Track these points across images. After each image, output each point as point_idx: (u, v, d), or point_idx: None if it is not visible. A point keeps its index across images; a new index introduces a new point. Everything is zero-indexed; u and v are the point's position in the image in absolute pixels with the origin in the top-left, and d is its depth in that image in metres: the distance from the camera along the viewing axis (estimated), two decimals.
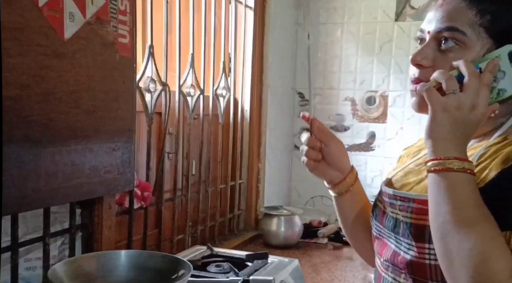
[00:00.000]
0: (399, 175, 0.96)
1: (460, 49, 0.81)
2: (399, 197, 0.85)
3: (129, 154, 1.36)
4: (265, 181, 2.30)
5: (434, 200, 0.75)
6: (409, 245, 0.82)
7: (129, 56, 1.36)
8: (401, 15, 2.40)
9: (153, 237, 1.65)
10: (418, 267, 0.81)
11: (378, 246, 0.94)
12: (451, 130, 0.75)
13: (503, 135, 0.82)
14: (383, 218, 0.91)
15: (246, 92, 2.18)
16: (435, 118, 0.76)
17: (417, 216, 0.81)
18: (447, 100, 0.75)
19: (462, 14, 0.81)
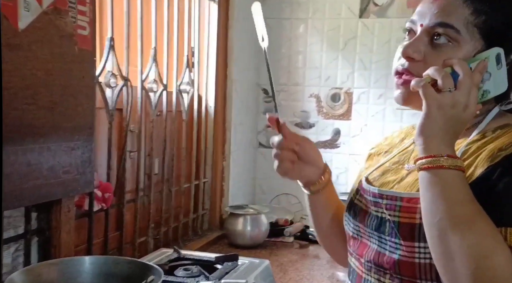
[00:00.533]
0: (375, 174, 0.95)
1: (453, 46, 0.80)
2: (385, 195, 0.84)
3: (89, 153, 1.28)
4: (229, 180, 2.24)
5: (429, 198, 0.73)
6: (396, 244, 0.81)
7: (88, 49, 1.28)
8: (365, 11, 2.39)
9: (114, 240, 1.56)
10: (406, 267, 0.79)
11: (355, 247, 0.92)
12: (444, 127, 0.74)
13: (481, 133, 0.82)
14: (365, 217, 0.89)
15: (211, 88, 2.12)
16: (429, 115, 0.74)
17: (405, 215, 0.79)
18: (443, 98, 0.74)
19: (458, 12, 0.80)
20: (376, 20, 2.37)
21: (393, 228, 0.81)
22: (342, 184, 2.44)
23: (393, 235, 0.81)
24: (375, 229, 0.86)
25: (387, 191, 0.84)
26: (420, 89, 0.75)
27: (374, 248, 0.86)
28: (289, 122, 2.49)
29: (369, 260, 0.87)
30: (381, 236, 0.84)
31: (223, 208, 2.20)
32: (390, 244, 0.82)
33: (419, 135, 0.76)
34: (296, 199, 2.43)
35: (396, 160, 0.95)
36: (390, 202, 0.82)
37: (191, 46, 1.98)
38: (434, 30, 0.81)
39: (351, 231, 0.94)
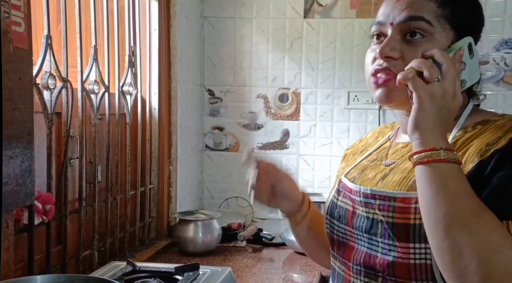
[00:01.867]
0: (354, 172, 0.94)
1: (427, 40, 0.80)
2: (377, 196, 0.81)
3: (29, 162, 1.16)
4: (177, 185, 2.15)
5: (431, 193, 0.71)
6: (390, 246, 0.79)
7: (25, 48, 1.16)
8: (309, 12, 2.38)
9: (56, 256, 1.44)
10: (401, 268, 0.78)
11: (340, 251, 0.90)
12: (438, 119, 0.73)
13: (462, 129, 0.83)
14: (353, 219, 0.86)
15: (154, 89, 2.02)
16: (422, 108, 0.73)
17: (399, 215, 0.78)
18: (433, 89, 0.73)
19: (426, 5, 0.81)
20: (320, 20, 2.37)
21: (386, 229, 0.79)
22: None
23: (386, 236, 0.79)
24: (366, 231, 0.83)
25: (379, 191, 0.82)
26: (409, 81, 0.73)
27: (363, 251, 0.84)
28: (236, 123, 2.44)
29: (358, 263, 0.84)
30: (371, 238, 0.82)
31: (171, 214, 2.10)
32: (382, 245, 0.80)
33: (414, 129, 0.74)
34: (246, 202, 2.37)
35: (373, 157, 0.95)
36: (383, 202, 0.80)
37: (131, 45, 1.87)
38: (406, 26, 0.81)
39: (335, 234, 0.91)
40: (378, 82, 0.83)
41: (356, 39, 2.33)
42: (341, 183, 0.94)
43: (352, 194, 0.88)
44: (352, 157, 1.03)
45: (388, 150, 0.93)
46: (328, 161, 2.39)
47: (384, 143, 0.98)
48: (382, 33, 0.84)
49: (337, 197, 0.93)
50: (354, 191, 0.87)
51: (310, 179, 2.41)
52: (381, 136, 1.02)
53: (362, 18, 2.30)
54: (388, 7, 0.84)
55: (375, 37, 0.86)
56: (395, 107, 0.86)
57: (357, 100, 2.33)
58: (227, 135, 2.45)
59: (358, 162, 0.96)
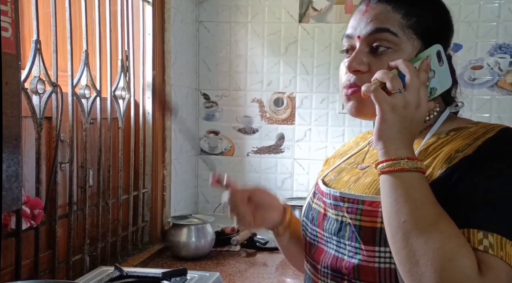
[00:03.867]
0: (331, 175, 0.94)
1: (394, 51, 0.81)
2: (346, 198, 0.82)
3: (16, 167, 1.15)
4: (171, 189, 2.15)
5: (391, 201, 0.72)
6: (356, 249, 0.80)
7: (12, 53, 1.16)
8: (304, 16, 2.38)
9: (45, 261, 1.43)
10: (366, 272, 0.78)
11: (311, 253, 0.91)
12: (400, 129, 0.74)
13: (435, 135, 0.83)
14: (324, 222, 0.87)
15: (148, 93, 2.02)
16: (384, 119, 0.74)
17: (367, 218, 0.78)
18: (394, 100, 0.74)
19: (390, 17, 0.82)
20: (315, 25, 2.37)
21: (354, 232, 0.80)
22: (287, 189, 2.41)
23: (354, 239, 0.80)
24: (334, 233, 0.84)
25: (348, 194, 0.83)
26: (372, 93, 0.74)
27: (331, 253, 0.84)
28: (232, 127, 2.44)
29: (325, 265, 0.85)
30: (340, 241, 0.83)
31: (164, 219, 2.10)
32: (349, 248, 0.81)
33: (378, 139, 0.75)
34: None
35: (351, 161, 0.96)
36: (352, 205, 0.81)
37: (125, 49, 1.87)
38: (373, 38, 0.82)
39: (308, 236, 0.92)
40: (347, 94, 0.84)
41: None
42: (317, 185, 0.95)
43: (324, 196, 0.88)
44: (332, 161, 1.04)
45: (365, 154, 0.94)
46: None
47: (363, 147, 0.98)
48: (351, 47, 0.86)
49: (312, 199, 0.94)
50: (325, 193, 0.88)
51: (305, 183, 2.40)
52: (362, 141, 1.03)
53: None
54: (355, 20, 0.85)
55: (346, 52, 0.87)
56: (367, 119, 0.87)
57: None
58: (222, 139, 2.44)
59: (337, 165, 0.96)
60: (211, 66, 2.43)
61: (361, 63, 0.82)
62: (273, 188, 2.41)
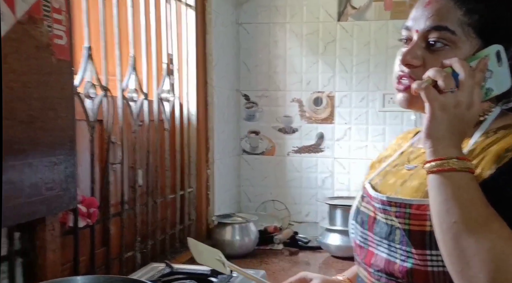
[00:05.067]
0: (377, 179, 0.94)
1: (450, 49, 0.80)
2: (394, 203, 0.81)
3: (72, 168, 1.22)
4: (214, 188, 2.20)
5: (441, 202, 0.72)
6: (408, 253, 0.79)
7: (66, 59, 1.22)
8: (343, 15, 2.39)
9: (100, 257, 1.50)
10: (420, 276, 0.77)
11: (362, 255, 0.90)
12: (450, 128, 0.74)
13: (483, 134, 0.82)
14: (374, 225, 0.87)
15: (191, 95, 2.07)
16: (434, 117, 0.74)
17: (416, 222, 0.77)
18: (446, 99, 0.74)
19: (451, 14, 0.80)
20: (354, 23, 2.37)
21: (404, 236, 0.79)
22: (328, 188, 2.42)
23: (404, 243, 0.79)
24: (385, 237, 0.83)
25: (395, 198, 0.82)
26: (422, 91, 0.74)
27: (383, 257, 0.84)
28: (272, 127, 2.47)
29: (378, 269, 0.84)
30: (390, 244, 0.82)
31: (209, 217, 2.15)
32: (401, 252, 0.80)
33: (426, 138, 0.75)
34: (283, 205, 2.40)
35: (396, 163, 0.95)
36: (399, 209, 0.80)
37: (169, 53, 1.93)
38: (429, 34, 0.81)
39: (359, 239, 0.92)
40: (399, 88, 0.84)
41: (391, 40, 2.31)
42: (365, 189, 0.95)
43: (373, 200, 0.88)
44: (378, 165, 1.03)
45: (410, 154, 0.93)
46: (363, 164, 2.38)
47: (407, 148, 0.98)
48: (409, 38, 0.85)
49: (361, 203, 0.94)
50: (373, 197, 0.88)
51: (345, 183, 2.41)
52: (403, 141, 1.03)
53: (397, 19, 2.29)
54: (417, 12, 0.84)
55: (404, 42, 0.87)
56: (417, 111, 0.87)
57: (393, 103, 2.32)
58: (263, 139, 2.48)
59: (382, 168, 0.96)
60: (251, 67, 2.47)
61: (415, 57, 0.81)
62: (314, 187, 2.43)
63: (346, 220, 1.99)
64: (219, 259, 1.04)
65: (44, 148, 1.12)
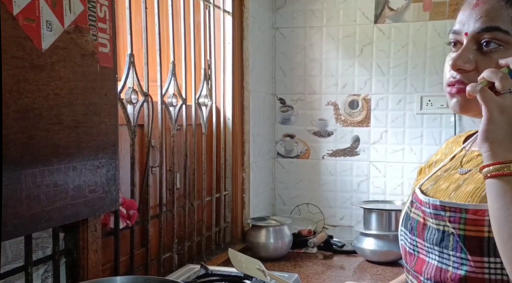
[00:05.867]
0: (428, 184, 0.92)
1: (504, 49, 0.77)
2: (448, 207, 0.79)
3: (114, 171, 1.27)
4: (250, 191, 2.22)
5: (500, 206, 0.69)
6: (462, 260, 0.77)
7: (110, 67, 1.27)
8: (380, 17, 2.37)
9: (139, 258, 1.55)
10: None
11: (412, 263, 0.88)
12: (509, 131, 0.70)
13: None
14: (424, 231, 0.85)
15: (228, 99, 2.11)
16: (492, 120, 0.70)
17: (472, 228, 0.75)
18: (504, 100, 0.70)
19: (502, 13, 0.77)
20: (392, 25, 2.35)
21: (458, 242, 0.77)
22: (363, 192, 2.41)
23: (458, 250, 0.77)
24: (436, 244, 0.81)
25: (450, 202, 0.80)
26: (478, 94, 0.71)
27: (434, 264, 0.82)
28: (307, 130, 2.48)
29: (429, 277, 0.82)
30: (442, 251, 0.80)
31: (244, 220, 2.18)
32: (454, 259, 0.78)
33: (483, 141, 0.72)
34: (317, 208, 2.40)
35: (447, 167, 0.93)
36: (454, 214, 0.78)
37: (207, 59, 1.97)
38: (481, 37, 0.78)
39: (408, 246, 0.90)
40: (451, 92, 0.82)
41: (430, 41, 2.29)
42: (414, 194, 0.92)
43: (423, 205, 0.86)
44: (427, 170, 1.01)
45: (462, 158, 0.91)
46: (400, 167, 2.36)
47: (459, 152, 0.95)
48: (458, 41, 0.83)
49: (410, 208, 0.91)
50: (424, 202, 0.86)
51: (381, 186, 2.39)
52: (455, 145, 1.00)
53: (436, 20, 2.26)
54: (465, 15, 0.81)
55: (452, 45, 0.84)
56: (472, 116, 0.84)
57: (431, 105, 2.29)
58: (298, 143, 2.49)
59: (432, 173, 0.94)
60: (286, 71, 2.49)
61: (467, 62, 0.79)
62: (348, 190, 2.43)
63: (382, 225, 1.99)
64: (259, 268, 1.06)
65: (88, 152, 1.17)
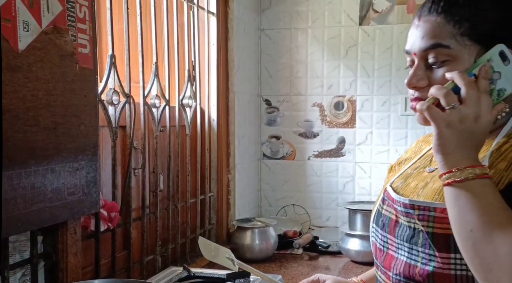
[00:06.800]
0: (398, 181, 0.94)
1: (450, 62, 0.80)
2: (417, 206, 0.82)
3: (94, 173, 1.25)
4: (235, 193, 2.22)
5: (456, 212, 0.72)
6: (431, 256, 0.79)
7: (90, 67, 1.26)
8: (364, 19, 2.38)
9: (121, 260, 1.54)
10: (442, 279, 0.78)
11: (381, 259, 0.91)
12: (459, 143, 0.74)
13: (507, 134, 0.82)
14: (396, 228, 0.87)
15: (212, 101, 2.10)
16: (441, 135, 0.74)
17: (440, 225, 0.78)
18: (449, 116, 0.74)
19: (442, 29, 0.80)
20: (376, 27, 2.36)
21: (427, 239, 0.80)
22: (349, 193, 2.41)
23: (427, 246, 0.80)
24: (407, 240, 0.84)
25: (419, 201, 0.82)
26: (425, 112, 0.75)
27: (403, 260, 0.84)
28: (293, 132, 2.48)
29: (398, 273, 0.85)
30: (412, 247, 0.83)
31: (230, 222, 2.17)
32: (423, 255, 0.81)
33: (436, 153, 0.76)
34: (303, 209, 2.40)
35: (417, 165, 0.96)
36: (423, 212, 0.81)
37: (191, 60, 1.96)
38: (427, 54, 0.82)
39: (379, 242, 0.92)
40: (412, 107, 0.85)
41: None
42: (386, 192, 0.95)
43: (395, 203, 0.88)
44: (397, 167, 1.04)
45: (431, 157, 0.93)
46: (385, 168, 2.35)
47: (427, 151, 0.98)
48: (412, 61, 0.86)
49: (382, 206, 0.94)
50: (395, 200, 0.88)
51: (367, 187, 2.40)
52: (424, 144, 1.02)
53: None
54: (411, 35, 0.85)
55: (409, 65, 0.88)
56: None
57: None
58: (283, 144, 2.49)
59: (403, 171, 0.96)
60: (272, 72, 2.49)
61: (420, 79, 0.83)
62: (334, 191, 2.43)
63: (367, 225, 1.99)
64: (229, 257, 1.05)
65: (67, 154, 1.15)
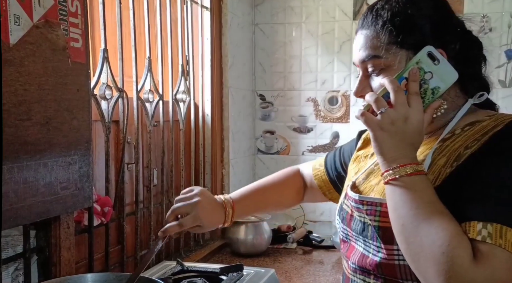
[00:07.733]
0: (361, 177, 0.98)
1: (385, 70, 0.86)
2: (365, 201, 0.88)
3: (87, 168, 1.25)
4: (229, 188, 2.22)
5: (392, 206, 0.79)
6: (378, 248, 0.86)
7: (82, 62, 1.25)
8: (358, 13, 2.38)
9: (115, 255, 1.54)
10: (387, 268, 0.84)
11: (345, 249, 0.97)
12: (394, 143, 0.79)
13: (451, 131, 0.86)
14: (351, 222, 0.93)
15: (206, 96, 2.10)
16: (376, 138, 0.80)
17: (385, 219, 0.83)
18: (380, 120, 0.80)
19: (372, 41, 0.86)
20: None
21: (374, 232, 0.86)
22: None
23: (375, 239, 0.86)
24: (360, 233, 0.90)
25: (367, 197, 0.89)
26: (360, 118, 0.81)
27: (360, 251, 0.91)
28: (287, 127, 2.48)
29: (354, 262, 0.91)
30: (365, 240, 0.89)
31: None
32: (373, 247, 0.87)
33: (376, 154, 0.82)
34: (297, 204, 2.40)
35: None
36: (370, 207, 0.87)
37: (185, 54, 1.96)
38: (366, 65, 0.88)
39: (341, 234, 0.99)
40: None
41: None
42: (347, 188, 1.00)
43: (349, 199, 0.94)
44: (363, 160, 1.04)
45: None
46: None
47: None
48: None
49: (343, 200, 0.99)
50: (348, 196, 0.94)
51: None
52: None
53: None
54: (353, 48, 0.91)
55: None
56: None
57: None
58: (278, 139, 2.49)
59: (367, 168, 0.99)
60: (266, 67, 2.49)
61: (364, 87, 0.88)
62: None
63: None
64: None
65: (60, 149, 1.15)
